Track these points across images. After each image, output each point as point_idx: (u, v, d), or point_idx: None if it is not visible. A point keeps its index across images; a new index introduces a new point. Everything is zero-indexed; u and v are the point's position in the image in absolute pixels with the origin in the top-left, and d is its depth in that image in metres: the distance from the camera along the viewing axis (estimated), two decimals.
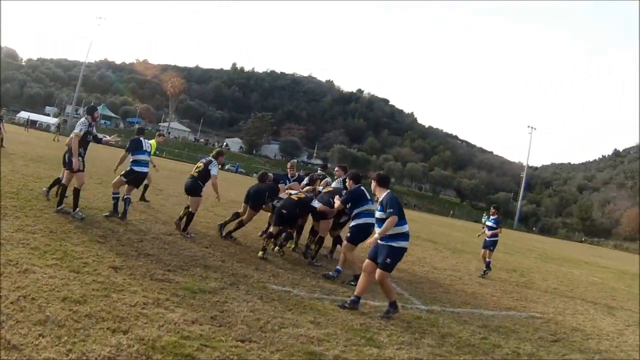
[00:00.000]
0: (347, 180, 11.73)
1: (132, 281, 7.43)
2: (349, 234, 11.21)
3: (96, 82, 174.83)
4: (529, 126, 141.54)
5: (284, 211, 12.08)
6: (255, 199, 13.22)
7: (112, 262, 8.25)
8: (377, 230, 8.83)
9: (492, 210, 19.09)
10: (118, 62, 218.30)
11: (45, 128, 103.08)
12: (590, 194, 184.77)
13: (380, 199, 8.96)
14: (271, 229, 12.54)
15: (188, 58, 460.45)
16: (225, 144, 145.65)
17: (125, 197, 12.93)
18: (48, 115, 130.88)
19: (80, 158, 11.56)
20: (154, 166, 17.01)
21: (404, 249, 8.83)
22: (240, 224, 13.46)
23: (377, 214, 9.00)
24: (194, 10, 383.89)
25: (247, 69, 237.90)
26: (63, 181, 12.05)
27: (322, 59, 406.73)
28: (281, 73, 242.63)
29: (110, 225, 11.44)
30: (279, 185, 13.92)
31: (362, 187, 11.38)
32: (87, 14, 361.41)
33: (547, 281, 18.93)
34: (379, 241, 8.71)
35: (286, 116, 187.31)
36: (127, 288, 7.03)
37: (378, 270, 8.62)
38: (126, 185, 13.02)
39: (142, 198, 17.33)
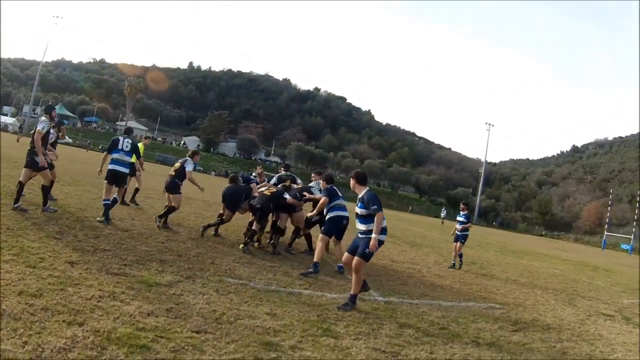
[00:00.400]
0: (321, 181, 12.81)
1: (88, 275, 7.39)
2: (325, 226, 11.91)
3: (53, 82, 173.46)
4: (486, 123, 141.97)
5: (258, 206, 12.89)
6: (232, 201, 13.78)
7: (68, 257, 8.21)
8: (360, 226, 9.20)
9: (462, 206, 19.56)
10: (75, 61, 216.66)
11: (4, 128, 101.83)
12: (549, 189, 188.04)
13: (361, 196, 9.23)
14: (253, 226, 13.14)
15: (145, 57, 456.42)
16: (183, 142, 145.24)
17: (103, 200, 12.97)
18: (6, 115, 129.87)
19: (45, 155, 11.88)
20: (141, 169, 16.66)
21: (382, 242, 9.13)
22: (221, 221, 14.07)
23: (358, 210, 9.25)
24: (151, 8, 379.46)
25: (203, 67, 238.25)
26: (21, 179, 11.89)
27: (278, 57, 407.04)
28: (238, 72, 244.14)
29: (67, 222, 11.39)
30: (251, 185, 14.35)
31: (334, 187, 12.36)
32: (43, 12, 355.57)
33: (507, 273, 19.10)
34: (359, 235, 9.15)
35: (243, 114, 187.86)
36: (83, 282, 7.00)
37: (356, 259, 8.90)
38: (113, 188, 13.10)
39: (132, 200, 17.56)
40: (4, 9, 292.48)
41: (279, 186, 14.38)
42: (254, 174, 16.31)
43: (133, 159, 14.23)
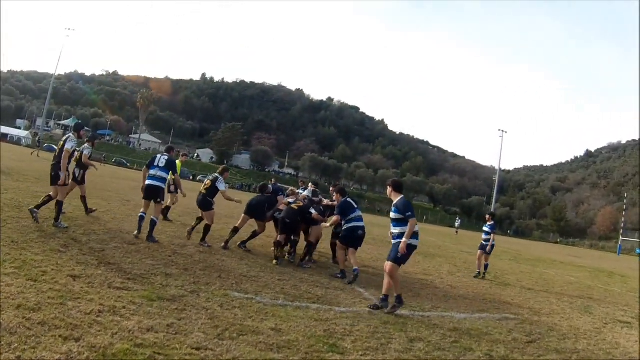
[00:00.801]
0: (334, 193, 13.55)
1: (90, 289, 7.29)
2: (341, 235, 12.85)
3: (67, 94, 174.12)
4: (499, 130, 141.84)
5: (287, 220, 13.22)
6: (257, 210, 14.40)
7: (71, 270, 8.11)
8: (393, 230, 10.08)
9: (487, 216, 19.75)
10: (88, 73, 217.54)
11: (17, 141, 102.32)
12: (563, 195, 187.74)
13: (396, 202, 10.13)
14: (278, 238, 13.39)
15: (158, 69, 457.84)
16: (196, 154, 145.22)
17: (140, 214, 13.28)
18: (19, 128, 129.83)
19: (68, 173, 12.38)
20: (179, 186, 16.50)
21: (414, 247, 9.94)
22: (254, 234, 14.52)
23: (392, 215, 10.13)
24: (163, 20, 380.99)
25: (216, 79, 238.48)
26: (58, 197, 12.39)
27: (291, 67, 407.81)
28: (251, 82, 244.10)
29: (74, 235, 11.29)
30: (278, 197, 14.78)
31: (349, 199, 13.16)
32: (56, 25, 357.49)
33: (522, 282, 18.81)
34: (394, 240, 9.95)
35: (256, 126, 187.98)
36: (84, 296, 6.89)
37: (389, 263, 9.68)
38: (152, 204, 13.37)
39: (165, 217, 17.72)
40: (17, 22, 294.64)
41: (306, 201, 14.77)
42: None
43: (170, 176, 14.60)
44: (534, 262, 32.22)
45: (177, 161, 17.19)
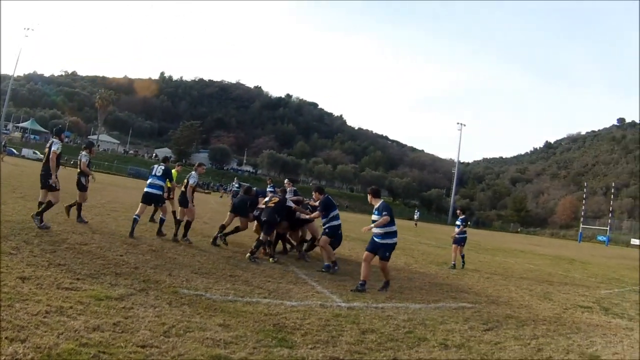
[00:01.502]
0: (313, 192, 15.17)
1: (38, 291, 7.17)
2: (327, 230, 13.89)
3: (25, 96, 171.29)
4: (458, 123, 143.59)
5: (264, 218, 13.94)
6: (240, 208, 15.80)
7: (21, 272, 7.97)
8: (377, 230, 11.63)
9: (458, 211, 21.96)
10: (47, 74, 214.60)
11: None
12: (523, 186, 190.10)
13: (377, 206, 11.83)
14: (261, 237, 13.93)
15: (116, 69, 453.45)
16: (155, 154, 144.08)
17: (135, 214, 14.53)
18: None
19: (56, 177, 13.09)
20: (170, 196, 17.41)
21: (395, 244, 11.94)
22: (237, 229, 15.88)
23: (375, 217, 11.74)
24: (121, 19, 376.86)
25: (175, 77, 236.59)
26: (51, 200, 13.18)
27: (249, 64, 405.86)
28: (209, 80, 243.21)
29: (26, 238, 11.10)
30: (259, 198, 15.98)
31: (329, 196, 14.72)
32: (14, 25, 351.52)
33: (480, 271, 18.94)
34: (377, 240, 11.67)
35: (215, 124, 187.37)
36: (32, 297, 6.77)
37: (381, 262, 11.69)
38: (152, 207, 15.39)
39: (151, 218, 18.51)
40: None
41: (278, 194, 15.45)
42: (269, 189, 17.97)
43: (168, 184, 16.19)
44: (493, 251, 32.63)
45: (173, 170, 18.24)
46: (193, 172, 15.65)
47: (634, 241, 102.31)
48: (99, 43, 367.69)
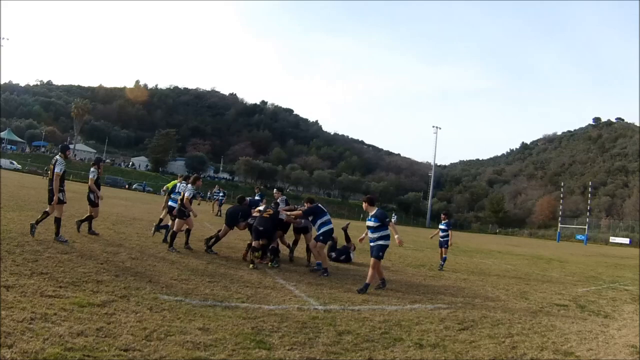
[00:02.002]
0: (304, 203, 15.92)
1: (22, 298, 7.27)
2: (320, 237, 14.58)
3: (1, 106, 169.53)
4: (434, 126, 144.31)
5: (260, 228, 14.22)
6: (231, 218, 16.00)
7: (4, 281, 8.06)
8: (371, 235, 12.64)
9: (442, 216, 21.77)
10: (22, 84, 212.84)
11: None
12: (500, 187, 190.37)
13: (374, 213, 12.70)
14: (253, 243, 14.39)
15: (91, 77, 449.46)
16: (131, 163, 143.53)
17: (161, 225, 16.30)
18: None
19: (62, 191, 13.56)
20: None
21: (387, 245, 12.61)
22: (217, 238, 16.14)
23: (371, 224, 12.62)
24: (95, 26, 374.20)
25: (150, 85, 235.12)
26: (55, 215, 13.58)
27: (224, 72, 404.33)
28: (184, 88, 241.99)
29: (8, 247, 11.17)
30: (252, 209, 16.24)
31: (319, 205, 15.56)
32: None
33: (457, 273, 19.05)
34: (372, 243, 12.59)
35: (191, 132, 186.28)
36: (17, 305, 6.88)
37: (374, 260, 12.37)
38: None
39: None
40: None
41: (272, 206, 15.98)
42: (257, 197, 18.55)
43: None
44: (471, 253, 32.58)
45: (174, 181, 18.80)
46: (189, 185, 15.97)
47: (613, 239, 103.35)
48: (74, 52, 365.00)
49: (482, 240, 64.26)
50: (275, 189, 18.71)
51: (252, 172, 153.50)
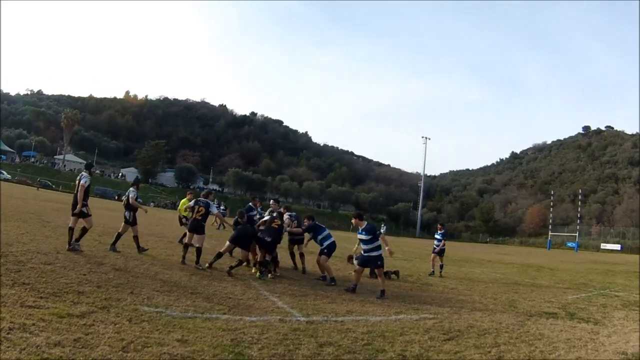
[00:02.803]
0: (305, 219, 16.77)
1: (2, 308, 7.19)
2: (325, 250, 15.52)
3: None
4: (423, 137, 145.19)
5: (269, 239, 14.62)
6: (244, 240, 15.04)
7: None
8: (364, 247, 13.96)
9: (439, 226, 23.60)
10: (13, 93, 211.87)
11: None
12: (490, 196, 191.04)
13: (364, 227, 13.86)
14: (260, 257, 14.88)
15: (81, 87, 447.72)
16: (121, 174, 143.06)
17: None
18: None
19: (85, 205, 14.62)
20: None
21: (381, 254, 13.83)
22: (240, 262, 15.10)
23: (362, 237, 13.87)
24: (85, 37, 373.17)
25: (140, 96, 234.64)
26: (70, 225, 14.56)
27: (214, 83, 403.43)
28: (174, 99, 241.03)
29: None
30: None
31: (317, 222, 16.59)
32: None
33: (445, 282, 18.97)
34: (366, 255, 13.92)
35: (181, 143, 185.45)
36: None
37: (378, 270, 14.05)
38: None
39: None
40: None
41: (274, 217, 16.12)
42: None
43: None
44: (460, 262, 32.55)
45: (184, 199, 20.36)
46: (210, 202, 16.10)
47: (604, 246, 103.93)
48: (64, 61, 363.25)
49: (472, 249, 64.30)
50: (272, 201, 18.66)
51: (241, 183, 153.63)
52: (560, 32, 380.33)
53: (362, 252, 14.23)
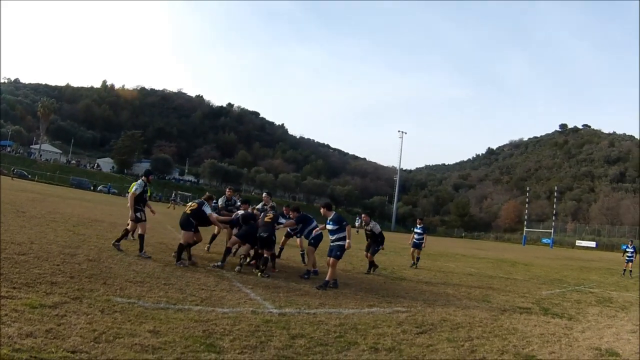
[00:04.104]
0: (290, 212, 17.19)
1: None
2: (312, 241, 15.45)
3: None
4: (399, 131, 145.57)
5: (265, 235, 14.45)
6: (251, 237, 14.90)
7: None
8: (331, 237, 14.01)
9: (418, 220, 24.72)
10: None
11: None
12: (466, 192, 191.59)
13: (331, 217, 14.10)
14: (265, 254, 14.50)
15: (59, 76, 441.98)
16: (96, 164, 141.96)
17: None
18: None
19: (141, 211, 14.74)
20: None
21: (344, 246, 13.75)
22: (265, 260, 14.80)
23: (330, 227, 14.04)
24: (63, 25, 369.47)
25: (117, 86, 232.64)
26: (141, 231, 14.70)
27: (191, 73, 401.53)
28: (151, 89, 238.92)
29: None
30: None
31: (305, 213, 16.92)
32: None
33: (419, 276, 18.94)
34: (332, 244, 13.87)
35: (157, 133, 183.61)
36: None
37: (333, 260, 13.48)
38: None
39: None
40: None
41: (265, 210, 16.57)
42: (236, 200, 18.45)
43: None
44: (435, 256, 32.35)
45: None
46: (205, 202, 15.44)
47: (579, 242, 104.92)
48: (42, 50, 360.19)
49: (447, 244, 64.57)
50: (264, 194, 18.77)
51: (217, 174, 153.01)
52: (540, 30, 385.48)
53: (330, 241, 14.08)
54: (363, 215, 17.47)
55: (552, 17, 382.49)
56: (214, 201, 16.83)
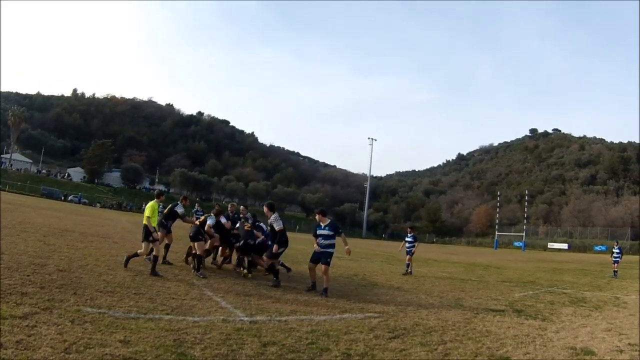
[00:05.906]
0: (264, 207, 15.74)
1: None
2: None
3: None
4: (369, 138, 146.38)
5: (251, 242, 15.44)
6: (248, 249, 15.79)
7: None
8: (322, 242, 13.97)
9: (409, 229, 25.40)
10: None
11: None
12: (437, 197, 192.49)
13: (327, 223, 14.16)
14: (250, 258, 15.59)
15: (29, 85, 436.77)
16: (67, 174, 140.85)
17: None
18: None
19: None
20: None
21: (333, 252, 14.07)
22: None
23: (324, 232, 14.04)
24: (32, 32, 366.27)
25: (87, 94, 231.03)
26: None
27: (161, 82, 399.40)
28: (121, 98, 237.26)
29: None
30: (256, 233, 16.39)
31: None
32: None
33: (391, 282, 18.95)
34: (323, 249, 13.89)
35: (127, 142, 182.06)
36: None
37: (325, 267, 13.60)
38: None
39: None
40: None
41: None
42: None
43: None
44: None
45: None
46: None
47: (552, 245, 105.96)
48: (12, 57, 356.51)
49: (419, 249, 64.06)
50: (242, 207, 18.45)
51: (188, 183, 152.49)
52: (508, 33, 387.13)
53: (320, 247, 14.02)
54: (264, 207, 15.17)
55: (521, 19, 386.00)
56: (223, 215, 16.62)
